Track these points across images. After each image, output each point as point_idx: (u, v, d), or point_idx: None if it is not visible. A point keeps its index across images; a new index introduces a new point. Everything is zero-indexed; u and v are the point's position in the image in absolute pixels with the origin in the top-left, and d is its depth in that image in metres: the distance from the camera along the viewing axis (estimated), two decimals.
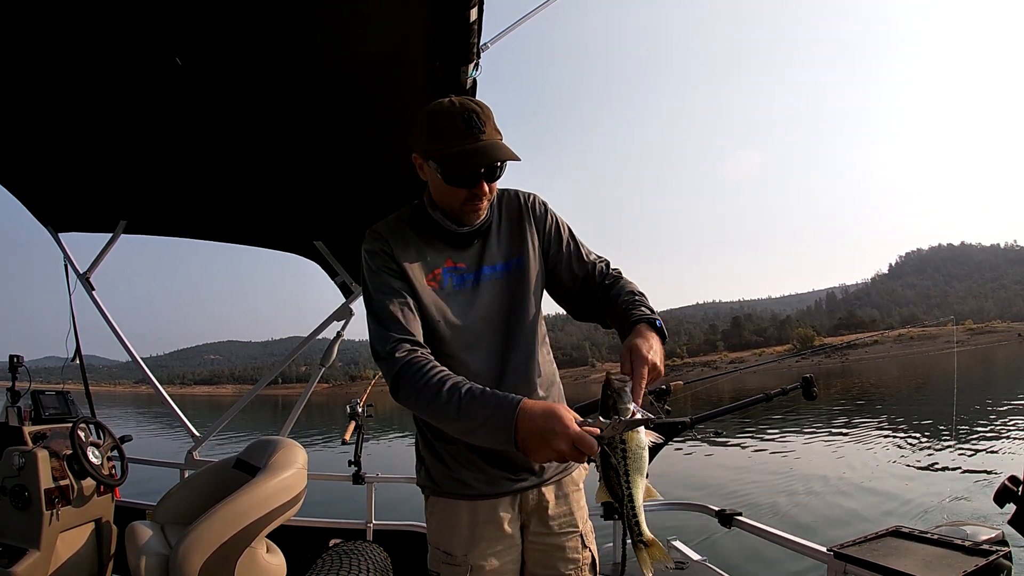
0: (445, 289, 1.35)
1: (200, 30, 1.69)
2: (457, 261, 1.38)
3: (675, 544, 2.64)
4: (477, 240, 1.40)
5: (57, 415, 2.90)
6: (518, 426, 1.01)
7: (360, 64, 1.84)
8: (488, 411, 1.06)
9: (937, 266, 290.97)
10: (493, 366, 1.35)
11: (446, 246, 1.38)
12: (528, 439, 1.01)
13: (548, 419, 0.99)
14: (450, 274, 1.37)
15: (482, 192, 1.27)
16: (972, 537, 1.79)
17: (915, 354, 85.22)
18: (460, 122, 1.20)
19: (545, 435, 0.99)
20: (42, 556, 2.38)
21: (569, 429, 0.98)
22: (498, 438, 1.05)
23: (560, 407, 1.03)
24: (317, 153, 2.40)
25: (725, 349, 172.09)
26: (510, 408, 1.03)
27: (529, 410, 1.02)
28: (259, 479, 2.32)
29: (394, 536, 3.00)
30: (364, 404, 3.29)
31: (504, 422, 1.03)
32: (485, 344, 1.36)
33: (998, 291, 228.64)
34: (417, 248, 1.36)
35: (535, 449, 1.01)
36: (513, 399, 1.05)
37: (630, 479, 1.03)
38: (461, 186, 1.26)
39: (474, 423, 1.08)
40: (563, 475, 1.45)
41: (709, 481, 9.70)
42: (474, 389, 1.10)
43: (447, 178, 1.25)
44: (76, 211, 3.14)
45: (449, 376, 1.15)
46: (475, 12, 1.49)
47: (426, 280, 1.34)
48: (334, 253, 3.38)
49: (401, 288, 1.31)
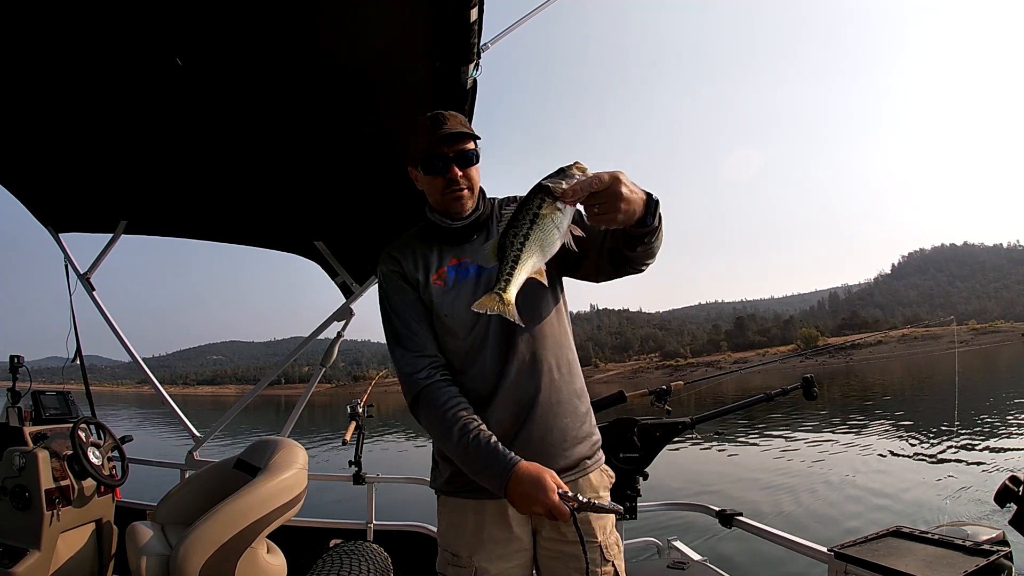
0: (450, 284, 1.42)
1: (200, 31, 1.69)
2: (462, 256, 1.45)
3: (676, 544, 2.64)
4: (478, 235, 1.47)
5: (58, 415, 2.91)
6: (508, 486, 1.21)
7: (360, 64, 1.84)
8: (487, 464, 1.25)
9: (940, 266, 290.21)
10: (500, 353, 1.39)
11: (448, 245, 1.47)
12: (515, 497, 1.21)
13: (534, 486, 1.18)
14: (454, 270, 1.44)
15: (454, 175, 1.37)
16: (973, 537, 1.79)
17: (919, 354, 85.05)
18: (428, 122, 1.38)
19: (528, 499, 1.19)
20: (43, 556, 2.39)
21: (548, 499, 1.17)
22: (491, 485, 1.25)
23: (547, 477, 1.19)
24: (317, 153, 2.40)
25: (729, 349, 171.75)
26: (505, 470, 1.22)
27: (521, 474, 1.20)
28: (259, 479, 2.32)
29: (394, 536, 3.00)
30: (364, 404, 3.29)
31: (498, 480, 1.22)
32: (492, 333, 1.39)
33: (1001, 291, 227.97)
34: (423, 255, 1.46)
35: (520, 505, 1.22)
36: (510, 461, 1.22)
37: (526, 242, 1.11)
38: (436, 173, 1.38)
39: (474, 468, 1.28)
40: (579, 475, 1.41)
41: (710, 481, 9.70)
42: (481, 438, 1.26)
43: (425, 169, 1.39)
44: (76, 211, 3.15)
45: (462, 414, 1.30)
46: (475, 12, 1.49)
47: (432, 279, 1.43)
48: (334, 253, 3.37)
49: (414, 303, 1.43)
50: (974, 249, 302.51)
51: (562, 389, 1.42)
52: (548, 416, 1.39)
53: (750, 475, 10.14)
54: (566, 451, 1.40)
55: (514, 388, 1.37)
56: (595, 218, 1.13)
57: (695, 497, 4.29)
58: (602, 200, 1.10)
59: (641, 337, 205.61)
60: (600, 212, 1.11)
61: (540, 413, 1.38)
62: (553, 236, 1.12)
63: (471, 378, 1.39)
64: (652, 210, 1.18)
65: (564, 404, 1.42)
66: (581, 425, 1.44)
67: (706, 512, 2.53)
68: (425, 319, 1.42)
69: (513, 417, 1.37)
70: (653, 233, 1.23)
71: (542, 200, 1.10)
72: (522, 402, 1.37)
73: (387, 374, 4.36)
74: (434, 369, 1.37)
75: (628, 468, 2.35)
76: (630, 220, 1.15)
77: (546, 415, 1.38)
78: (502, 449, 1.24)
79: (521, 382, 1.38)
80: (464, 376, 1.40)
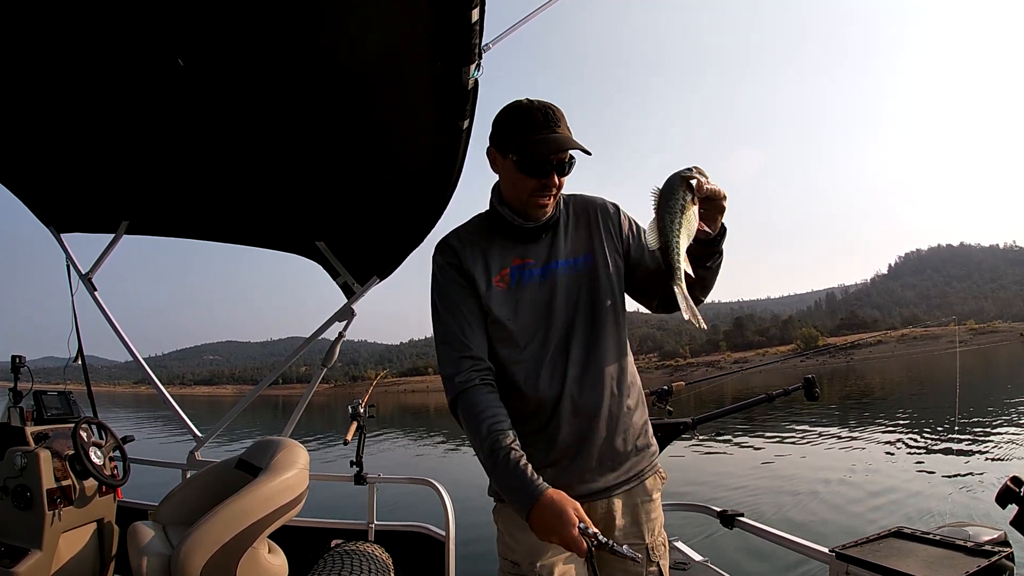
0: (513, 287, 1.38)
1: (202, 31, 1.69)
2: (526, 257, 1.40)
3: (677, 545, 2.64)
4: (546, 235, 1.42)
5: (59, 415, 2.91)
6: (531, 512, 1.16)
7: (362, 64, 1.84)
8: (514, 485, 1.19)
9: (936, 266, 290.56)
10: (561, 363, 1.35)
11: (515, 243, 1.41)
12: (536, 524, 1.16)
13: (556, 517, 1.13)
14: (519, 272, 1.39)
15: (551, 183, 1.32)
16: (974, 538, 1.79)
17: (919, 354, 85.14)
18: (538, 115, 1.29)
19: (549, 529, 1.14)
20: (44, 556, 2.39)
21: (568, 533, 1.12)
22: (515, 507, 1.20)
23: (570, 511, 1.13)
24: (319, 154, 2.39)
25: (728, 350, 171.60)
26: (532, 497, 1.16)
27: (545, 503, 1.15)
28: (261, 479, 2.32)
29: (396, 537, 3.00)
30: (366, 405, 3.29)
31: (523, 504, 1.17)
32: (553, 338, 1.36)
33: (998, 292, 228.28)
34: (485, 251, 1.40)
35: (539, 532, 1.16)
36: (537, 488, 1.16)
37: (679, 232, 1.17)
38: (533, 175, 1.31)
39: (501, 484, 1.24)
40: (635, 484, 1.40)
41: (711, 482, 9.69)
42: (512, 457, 1.20)
43: (522, 166, 1.30)
44: (78, 211, 3.15)
45: (497, 426, 1.23)
46: (477, 12, 1.48)
47: (495, 280, 1.37)
48: (336, 253, 3.37)
49: (468, 302, 1.36)
50: (971, 249, 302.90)
51: (623, 402, 1.39)
52: (610, 429, 1.36)
53: (751, 475, 10.13)
54: (625, 464, 1.38)
55: (575, 401, 1.33)
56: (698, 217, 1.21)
57: (696, 497, 4.29)
58: (710, 208, 1.22)
59: (639, 337, 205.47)
60: (705, 212, 1.21)
61: (602, 426, 1.34)
62: (694, 225, 1.19)
63: (531, 388, 1.34)
64: (723, 233, 1.29)
65: (625, 417, 1.38)
66: (638, 437, 1.42)
67: (707, 512, 2.53)
68: (478, 320, 1.36)
69: (575, 431, 1.33)
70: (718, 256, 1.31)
71: (686, 191, 1.16)
72: (584, 415, 1.34)
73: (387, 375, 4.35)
74: (476, 372, 1.31)
75: None
76: (714, 231, 1.26)
77: (608, 428, 1.35)
78: (531, 473, 1.19)
79: (584, 394, 1.34)
80: (522, 387, 1.35)
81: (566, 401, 1.33)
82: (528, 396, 1.34)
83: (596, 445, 1.34)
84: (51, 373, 3.56)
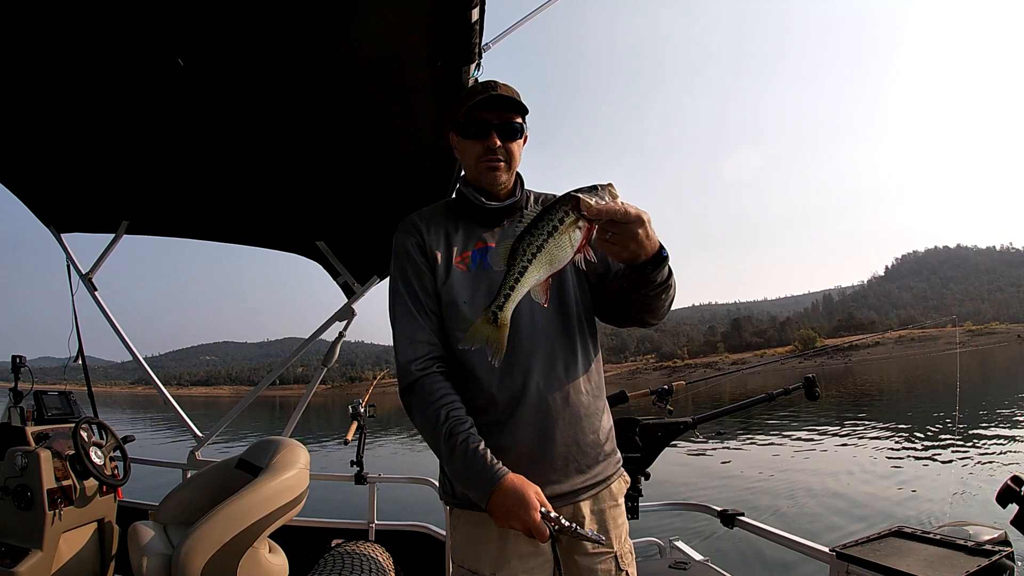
0: (473, 270, 1.33)
1: (202, 31, 1.69)
2: (488, 241, 1.37)
3: (677, 544, 2.64)
4: (509, 221, 1.39)
5: (60, 415, 2.91)
6: (491, 498, 1.14)
7: (362, 64, 1.84)
8: (473, 471, 1.17)
9: (933, 268, 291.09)
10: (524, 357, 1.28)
11: (478, 225, 1.39)
12: (495, 509, 1.14)
13: (517, 502, 1.12)
14: (480, 255, 1.35)
15: (493, 143, 1.31)
16: (975, 537, 1.79)
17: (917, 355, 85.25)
18: (478, 87, 1.33)
19: (509, 514, 1.13)
20: (44, 556, 2.38)
21: (529, 517, 1.11)
22: (474, 494, 1.18)
23: (531, 495, 1.13)
24: (319, 153, 2.40)
25: (726, 351, 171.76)
26: (492, 481, 1.14)
27: (506, 487, 1.13)
28: (261, 479, 2.32)
29: (396, 536, 3.00)
30: (366, 405, 3.29)
31: (483, 490, 1.15)
32: (521, 332, 1.28)
33: (995, 293, 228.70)
34: (449, 231, 1.38)
35: (499, 518, 1.15)
36: (497, 473, 1.14)
37: (538, 254, 1.05)
38: (474, 137, 1.32)
39: (458, 472, 1.20)
40: (601, 488, 1.34)
41: (711, 481, 9.70)
42: (470, 442, 1.18)
43: (464, 132, 1.33)
44: (78, 211, 3.14)
45: (452, 414, 1.20)
46: (477, 12, 1.49)
47: (455, 261, 1.34)
48: (336, 253, 3.37)
49: (429, 282, 1.33)
50: (967, 251, 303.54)
51: (594, 401, 1.34)
52: (579, 428, 1.29)
53: (751, 475, 10.15)
54: (595, 468, 1.32)
55: (542, 393, 1.26)
56: (602, 244, 1.10)
57: (696, 497, 4.29)
58: (618, 231, 1.07)
59: (637, 338, 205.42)
60: (610, 240, 1.08)
61: (569, 424, 1.28)
62: (565, 253, 1.06)
63: (489, 381, 1.26)
64: (655, 261, 1.14)
65: (594, 417, 1.33)
66: (607, 441, 1.36)
67: (708, 512, 2.53)
68: (434, 301, 1.31)
69: (538, 427, 1.26)
70: (650, 284, 1.18)
71: (567, 213, 1.04)
72: (551, 410, 1.26)
73: (386, 375, 4.35)
74: (431, 360, 1.26)
75: (630, 468, 2.35)
76: (634, 260, 1.12)
77: (576, 427, 1.29)
78: (491, 458, 1.16)
79: (551, 387, 1.27)
80: (480, 378, 1.27)
81: (531, 394, 1.26)
82: (485, 386, 1.27)
83: (562, 444, 1.27)
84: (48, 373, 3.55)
